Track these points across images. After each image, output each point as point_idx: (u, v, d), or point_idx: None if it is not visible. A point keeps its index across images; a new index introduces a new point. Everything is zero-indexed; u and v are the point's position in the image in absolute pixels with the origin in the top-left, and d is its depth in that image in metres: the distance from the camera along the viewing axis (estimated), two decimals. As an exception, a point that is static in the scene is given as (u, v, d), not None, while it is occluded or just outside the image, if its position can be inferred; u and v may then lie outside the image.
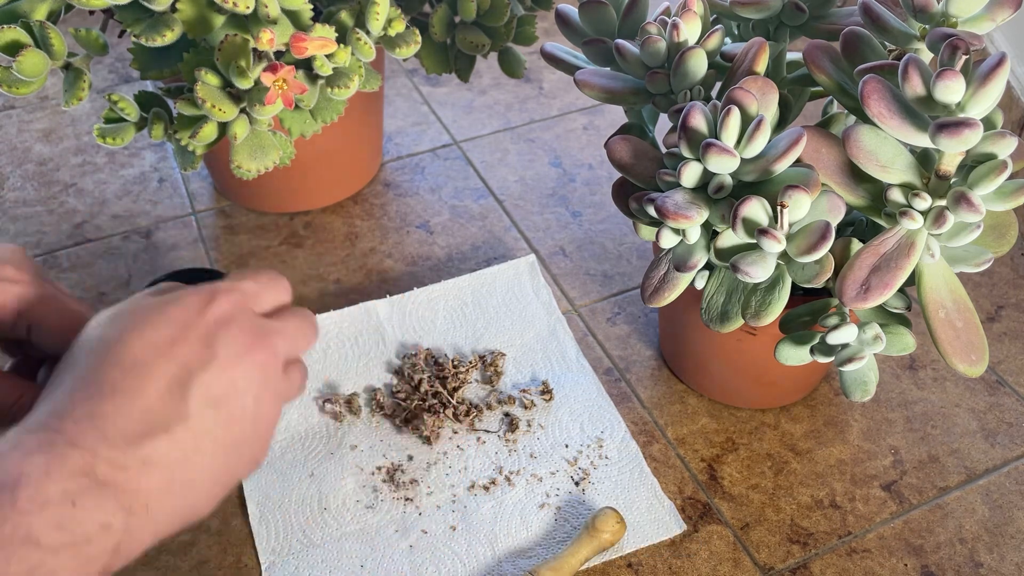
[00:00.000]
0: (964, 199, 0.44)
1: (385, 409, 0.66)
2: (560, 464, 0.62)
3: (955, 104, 0.43)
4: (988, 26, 0.47)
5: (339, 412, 0.66)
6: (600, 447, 0.63)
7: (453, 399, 0.66)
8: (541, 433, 0.64)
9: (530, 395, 0.67)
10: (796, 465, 0.62)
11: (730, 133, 0.46)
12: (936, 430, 0.64)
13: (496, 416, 0.66)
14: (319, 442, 0.64)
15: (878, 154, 0.46)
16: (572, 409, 0.66)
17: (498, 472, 0.62)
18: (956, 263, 0.49)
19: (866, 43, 0.50)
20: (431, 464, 0.63)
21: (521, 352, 0.70)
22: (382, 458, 0.63)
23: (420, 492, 0.61)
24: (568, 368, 0.69)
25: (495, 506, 0.60)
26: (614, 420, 0.65)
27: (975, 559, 0.57)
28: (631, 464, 0.62)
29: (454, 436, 0.64)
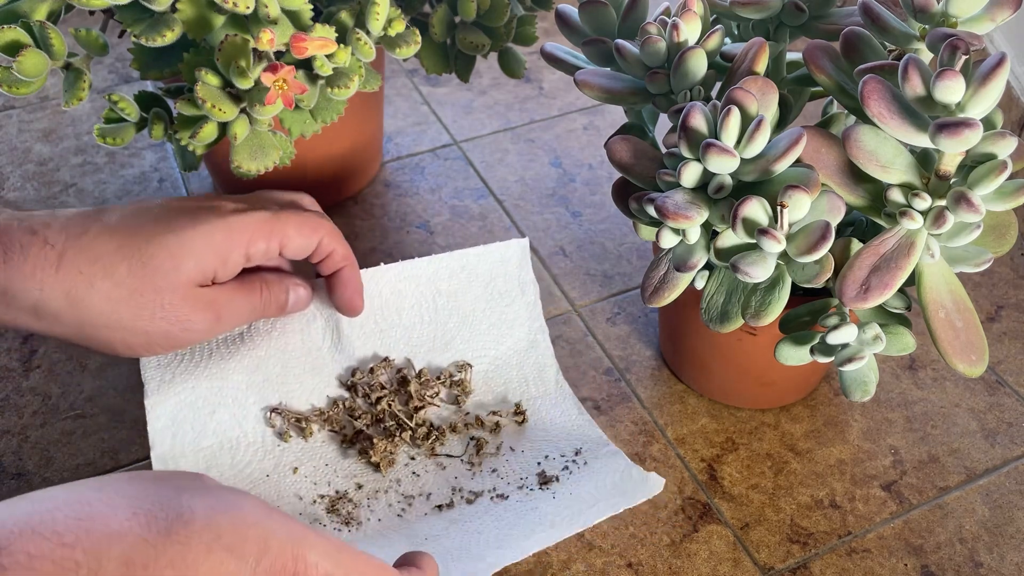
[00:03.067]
0: (964, 199, 0.44)
1: (334, 428, 0.59)
2: (530, 479, 0.57)
3: (955, 104, 0.43)
4: (988, 26, 0.47)
5: (285, 431, 0.58)
6: (577, 455, 0.58)
7: (412, 421, 0.59)
8: (511, 455, 0.59)
9: (500, 416, 0.61)
10: (796, 465, 0.62)
11: (730, 133, 0.46)
12: (936, 430, 0.64)
13: (461, 440, 0.60)
14: (254, 458, 0.57)
15: (878, 154, 0.46)
16: (548, 431, 0.60)
17: (456, 493, 0.57)
18: (956, 263, 0.49)
19: (866, 43, 0.50)
20: (380, 491, 0.57)
21: (494, 366, 0.63)
22: (326, 486, 0.56)
23: (363, 516, 0.55)
24: (545, 391, 0.62)
25: (446, 524, 0.54)
26: (595, 436, 0.59)
27: (975, 559, 0.57)
28: (613, 465, 0.56)
29: (411, 463, 0.58)
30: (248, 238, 0.53)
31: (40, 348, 0.67)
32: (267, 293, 0.56)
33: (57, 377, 0.65)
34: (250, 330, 0.60)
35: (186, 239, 0.51)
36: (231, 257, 0.53)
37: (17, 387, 0.65)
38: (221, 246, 0.52)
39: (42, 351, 0.67)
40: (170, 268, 0.51)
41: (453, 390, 0.62)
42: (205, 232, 0.52)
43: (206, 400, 0.57)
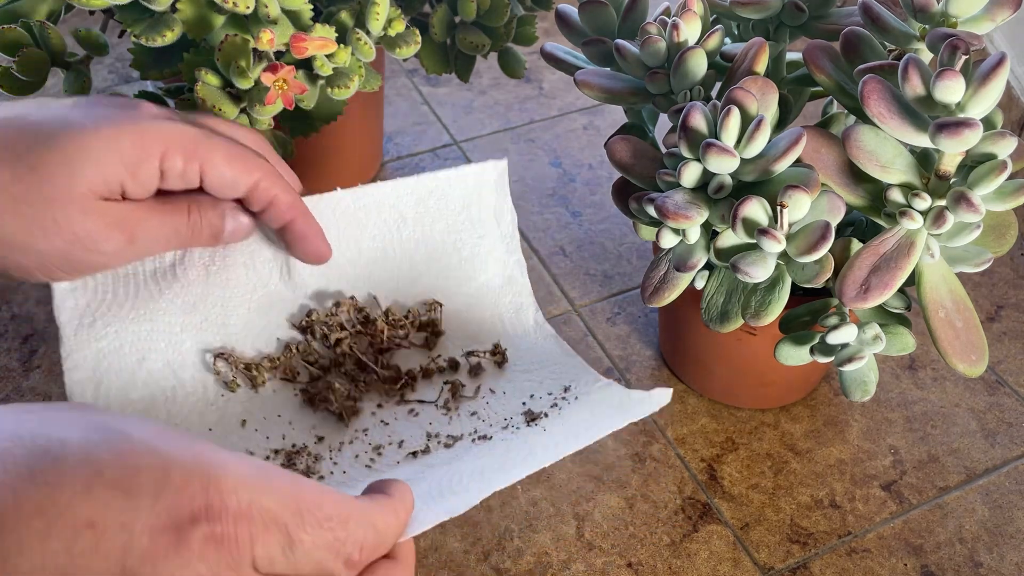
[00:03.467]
0: (964, 199, 0.44)
1: (288, 375, 0.52)
2: (515, 419, 0.51)
3: (955, 104, 0.43)
4: (988, 26, 0.47)
5: (232, 380, 0.51)
6: (566, 392, 0.52)
7: (378, 365, 0.53)
8: (491, 398, 0.52)
9: (478, 357, 0.54)
10: (796, 465, 0.62)
11: (730, 133, 0.46)
12: (936, 430, 0.64)
13: (434, 385, 0.53)
14: (193, 411, 0.50)
15: (878, 154, 0.46)
16: (531, 371, 0.54)
17: (432, 439, 0.51)
18: (956, 263, 0.49)
19: (866, 43, 0.50)
20: (345, 443, 0.50)
21: (466, 305, 0.56)
22: (280, 440, 0.50)
23: (325, 469, 0.49)
24: (524, 331, 0.56)
25: (423, 469, 0.48)
26: (584, 371, 0.53)
27: (975, 559, 0.57)
28: (609, 395, 0.50)
29: (378, 411, 0.52)
30: (163, 149, 0.45)
31: (40, 348, 0.67)
32: (197, 216, 0.48)
33: (57, 377, 0.65)
34: (183, 263, 0.52)
35: (85, 142, 0.43)
36: (141, 169, 0.44)
37: (17, 387, 0.65)
38: (129, 153, 0.44)
39: (42, 351, 0.67)
40: (64, 175, 0.43)
41: (423, 331, 0.55)
42: (110, 136, 0.44)
43: (134, 346, 0.50)
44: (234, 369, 0.51)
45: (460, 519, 0.59)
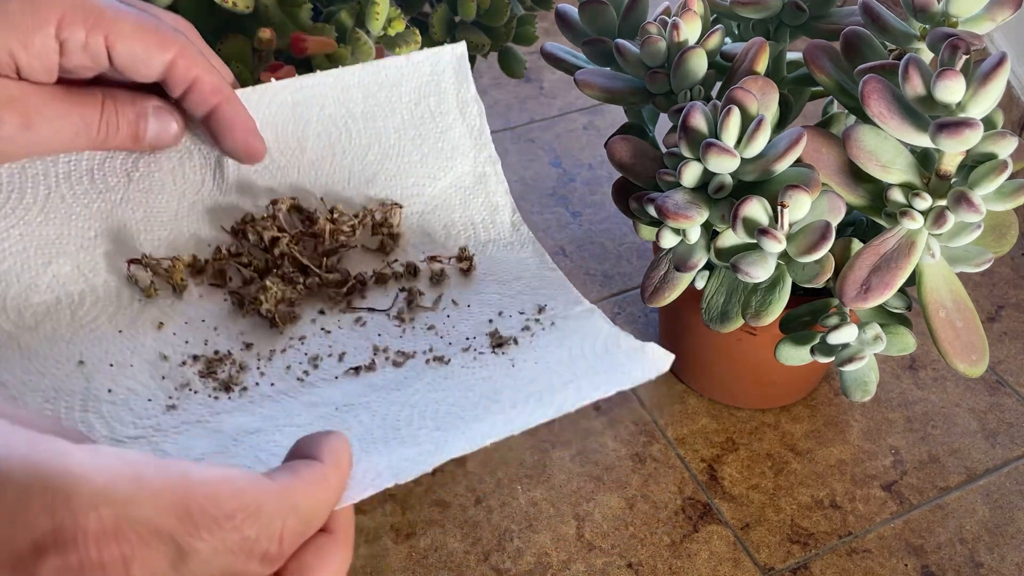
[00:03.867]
0: (964, 199, 0.44)
1: (217, 281, 0.47)
2: (478, 340, 0.44)
3: (955, 104, 0.43)
4: (988, 26, 0.47)
5: (150, 284, 0.46)
6: (541, 313, 0.45)
7: (323, 267, 0.47)
8: (453, 311, 0.46)
9: (441, 263, 0.48)
10: (796, 465, 0.62)
11: (730, 133, 0.46)
12: (936, 430, 0.64)
13: (388, 292, 0.47)
14: (103, 313, 0.45)
15: (878, 154, 0.46)
16: (502, 280, 0.47)
17: (379, 353, 0.44)
18: (956, 263, 0.49)
19: (866, 43, 0.50)
20: (277, 352, 0.44)
21: (430, 207, 0.50)
22: (202, 345, 0.44)
23: (249, 380, 0.43)
24: (499, 235, 0.50)
25: (365, 390, 0.42)
26: (563, 290, 0.46)
27: (975, 559, 0.57)
28: (591, 328, 0.43)
29: (319, 318, 0.46)
30: (60, 15, 0.39)
31: None
32: (112, 110, 0.43)
33: None
34: (103, 167, 0.47)
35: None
36: (34, 39, 0.39)
37: (17, 387, 0.65)
38: (19, 20, 0.38)
39: None
40: None
41: (377, 234, 0.49)
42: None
43: (40, 249, 0.46)
44: (152, 274, 0.46)
45: (459, 519, 0.59)
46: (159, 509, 0.27)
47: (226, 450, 0.39)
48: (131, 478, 0.27)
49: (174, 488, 0.27)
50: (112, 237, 0.47)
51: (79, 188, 0.47)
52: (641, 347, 0.41)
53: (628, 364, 0.40)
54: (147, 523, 0.26)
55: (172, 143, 0.46)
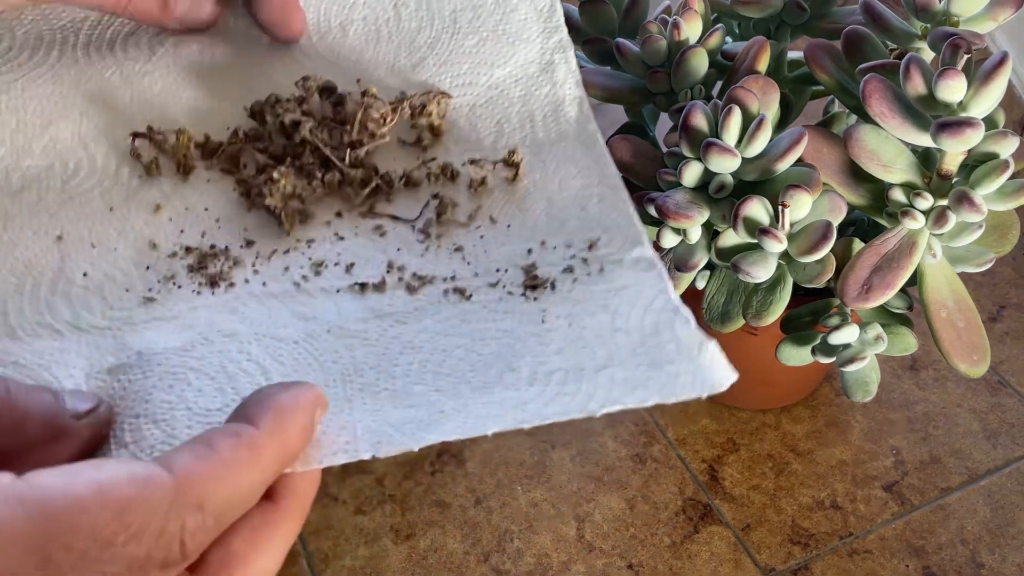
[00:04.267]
0: (966, 199, 0.44)
1: (229, 166, 0.42)
2: (510, 274, 0.37)
3: (957, 103, 0.43)
4: (990, 25, 0.47)
5: (152, 161, 0.41)
6: (591, 250, 0.37)
7: (346, 160, 0.41)
8: (489, 230, 0.39)
9: (483, 169, 0.41)
10: (797, 466, 0.62)
11: (731, 132, 0.46)
12: (938, 430, 0.64)
13: (418, 198, 0.41)
14: (96, 187, 0.40)
15: (879, 153, 0.46)
16: (553, 198, 0.40)
17: (393, 271, 0.38)
18: (958, 263, 0.49)
19: (867, 42, 0.50)
20: (279, 252, 0.39)
21: (484, 99, 0.44)
22: (198, 237, 0.39)
23: (238, 276, 0.38)
24: (560, 137, 0.42)
25: (366, 315, 0.36)
26: (624, 221, 0.38)
27: (977, 560, 0.57)
28: (643, 289, 0.35)
29: (335, 221, 0.40)
30: None
31: None
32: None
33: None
34: (126, 41, 0.44)
35: None
36: None
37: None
38: None
39: None
40: None
41: (416, 125, 0.43)
42: None
43: (40, 110, 0.42)
44: (157, 150, 0.41)
45: (459, 520, 0.59)
46: (12, 562, 0.22)
47: (192, 348, 0.34)
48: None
49: (28, 533, 0.23)
50: (121, 109, 0.43)
51: (96, 55, 0.44)
52: (701, 344, 0.33)
53: (679, 364, 0.33)
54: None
55: (204, 23, 0.43)
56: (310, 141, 0.41)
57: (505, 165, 0.41)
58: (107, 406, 0.31)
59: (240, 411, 0.29)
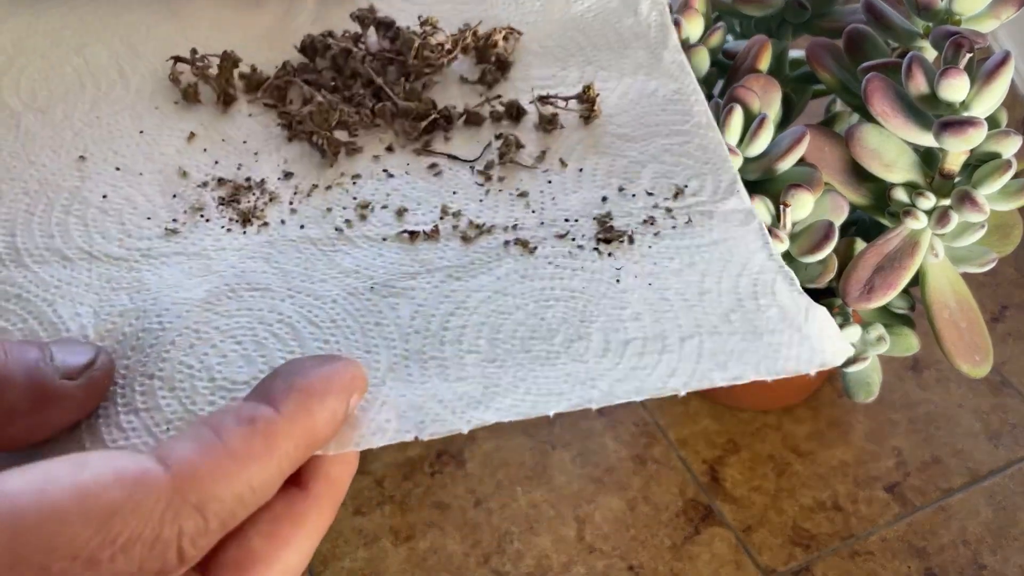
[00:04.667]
0: (968, 198, 0.44)
1: (273, 100, 0.39)
2: (581, 224, 0.33)
3: (959, 103, 0.42)
4: (992, 24, 0.47)
5: (191, 86, 0.38)
6: (677, 199, 0.33)
7: (400, 91, 0.37)
8: (559, 175, 0.35)
9: (555, 106, 0.37)
10: (799, 467, 0.61)
11: (732, 132, 0.46)
12: (940, 431, 0.64)
13: (480, 137, 0.37)
14: (128, 109, 0.38)
15: (882, 153, 0.46)
16: (633, 136, 0.36)
17: (447, 216, 0.34)
18: (960, 263, 0.49)
19: (869, 41, 0.49)
20: (320, 189, 0.35)
21: (557, 31, 0.40)
22: (233, 169, 0.36)
23: (273, 216, 0.34)
24: (640, 66, 0.38)
25: (414, 267, 0.32)
26: (717, 164, 0.34)
27: (978, 561, 0.57)
28: (736, 238, 0.32)
29: (384, 156, 0.36)
30: None
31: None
32: None
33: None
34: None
35: None
36: None
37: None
38: None
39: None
40: None
41: (483, 61, 0.39)
42: None
43: (78, 33, 0.40)
44: (200, 75, 0.38)
45: (459, 521, 0.59)
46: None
47: (217, 302, 0.30)
48: None
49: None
50: (164, 38, 0.40)
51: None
52: (808, 309, 0.29)
53: (781, 334, 0.29)
54: None
55: None
56: (362, 72, 0.38)
57: (579, 102, 0.37)
58: (106, 358, 0.27)
59: (262, 388, 0.25)
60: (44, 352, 0.25)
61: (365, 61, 0.38)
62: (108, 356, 0.27)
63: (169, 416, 0.27)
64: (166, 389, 0.28)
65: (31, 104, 0.37)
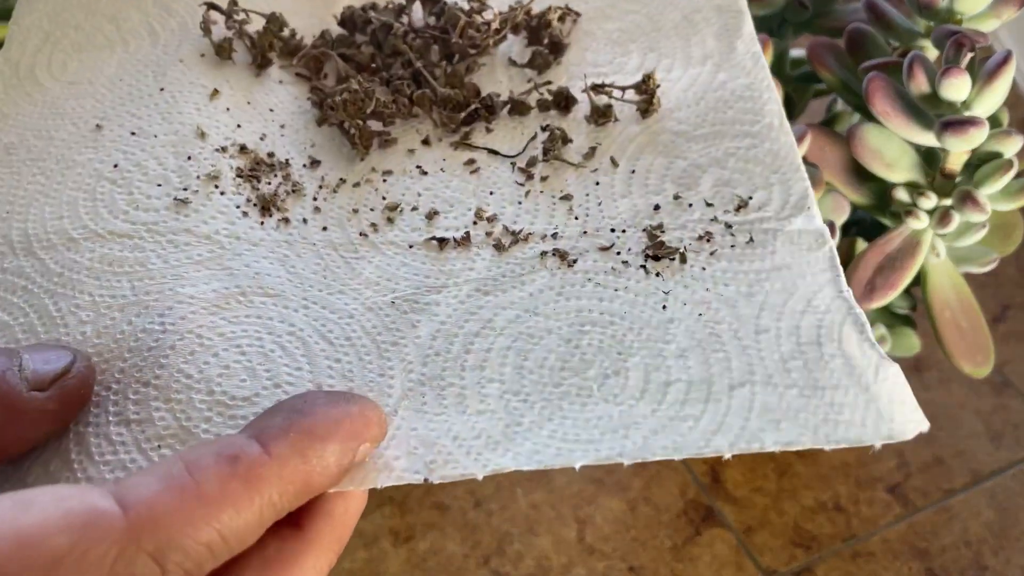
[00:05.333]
0: (970, 198, 0.44)
1: (306, 71, 0.36)
2: (628, 236, 0.30)
3: (960, 102, 0.42)
4: (993, 23, 0.46)
5: (224, 41, 0.36)
6: (738, 213, 0.30)
7: (442, 75, 0.35)
8: (608, 175, 0.32)
9: (609, 96, 0.34)
10: (800, 467, 0.61)
11: (732, 132, 0.46)
12: (941, 432, 0.64)
13: (524, 129, 0.34)
14: (147, 67, 0.35)
15: (883, 153, 0.46)
16: (694, 135, 0.32)
17: (480, 221, 0.31)
18: (962, 263, 0.48)
19: (871, 40, 0.49)
20: (347, 185, 0.32)
21: (620, 7, 0.37)
22: (256, 139, 0.33)
23: (295, 212, 0.31)
24: (709, 56, 0.35)
25: (440, 273, 0.30)
26: (787, 173, 0.31)
27: (980, 562, 0.57)
28: (802, 265, 0.28)
29: (419, 150, 0.33)
30: None
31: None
32: None
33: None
34: None
35: None
36: None
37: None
38: None
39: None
40: None
41: (535, 42, 0.36)
42: None
43: (112, 4, 0.39)
44: (236, 31, 0.36)
45: (459, 522, 0.58)
46: None
47: (226, 305, 0.28)
48: None
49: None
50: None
51: None
52: (879, 366, 0.26)
53: (844, 392, 0.25)
54: None
55: None
56: (401, 50, 0.35)
57: (637, 92, 0.33)
58: (83, 365, 0.25)
59: (258, 422, 0.23)
60: (13, 360, 0.24)
61: (407, 38, 0.36)
62: (87, 362, 0.26)
63: (161, 432, 0.25)
64: (161, 400, 0.26)
65: (60, 78, 0.36)
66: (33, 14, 0.37)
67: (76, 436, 0.25)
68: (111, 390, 0.26)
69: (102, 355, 0.27)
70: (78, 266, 0.29)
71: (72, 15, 0.38)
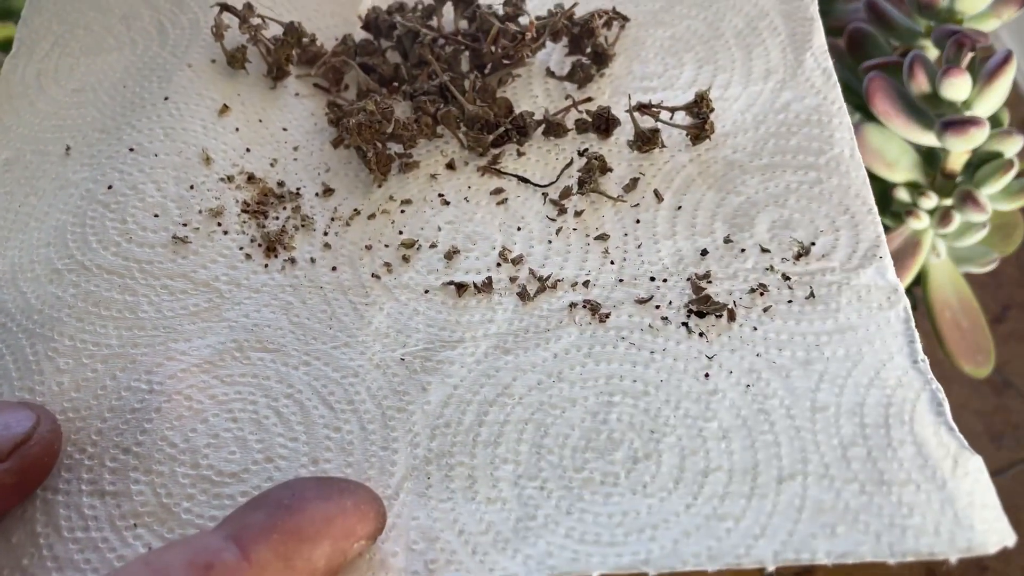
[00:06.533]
0: (970, 198, 0.44)
1: (325, 81, 0.33)
2: (671, 286, 0.26)
3: (961, 102, 0.42)
4: (994, 23, 0.46)
5: (238, 51, 0.33)
6: (800, 260, 0.26)
7: (471, 89, 0.31)
8: (650, 212, 0.28)
9: (657, 115, 0.29)
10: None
11: (733, 131, 0.46)
12: (941, 432, 0.64)
13: (560, 153, 0.30)
14: (152, 72, 0.32)
15: (883, 152, 0.46)
16: (750, 167, 0.28)
17: (503, 263, 0.28)
18: (962, 263, 0.48)
19: (871, 40, 0.49)
20: (361, 217, 0.29)
21: (674, 12, 0.33)
22: (266, 164, 0.31)
23: (302, 251, 0.29)
24: (770, 67, 0.31)
25: (457, 326, 0.27)
26: (858, 218, 0.27)
27: (981, 563, 0.57)
28: (871, 327, 0.24)
29: (442, 175, 0.30)
30: None
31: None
32: None
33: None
34: None
35: None
36: None
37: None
38: None
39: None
40: None
41: (577, 48, 0.32)
42: None
43: (124, 4, 0.37)
44: (252, 36, 0.33)
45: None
46: None
47: (221, 362, 0.26)
48: None
49: None
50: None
51: None
52: (959, 457, 0.22)
53: (916, 490, 0.21)
54: None
55: None
56: (428, 60, 0.31)
57: (688, 113, 0.29)
58: (46, 428, 0.22)
59: (238, 516, 0.20)
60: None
61: (435, 45, 0.32)
62: (51, 424, 0.23)
63: (139, 508, 0.23)
64: (141, 471, 0.24)
65: (65, 85, 0.33)
66: (43, 14, 0.35)
67: (43, 505, 0.23)
68: (86, 453, 0.24)
69: (79, 411, 0.25)
70: (60, 303, 0.27)
71: (82, 14, 0.35)
